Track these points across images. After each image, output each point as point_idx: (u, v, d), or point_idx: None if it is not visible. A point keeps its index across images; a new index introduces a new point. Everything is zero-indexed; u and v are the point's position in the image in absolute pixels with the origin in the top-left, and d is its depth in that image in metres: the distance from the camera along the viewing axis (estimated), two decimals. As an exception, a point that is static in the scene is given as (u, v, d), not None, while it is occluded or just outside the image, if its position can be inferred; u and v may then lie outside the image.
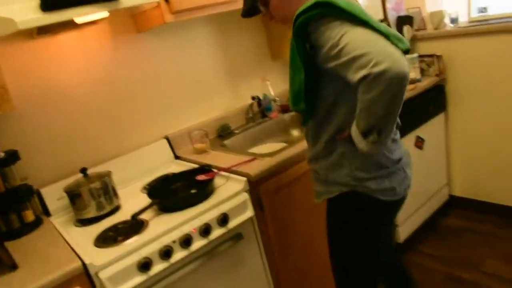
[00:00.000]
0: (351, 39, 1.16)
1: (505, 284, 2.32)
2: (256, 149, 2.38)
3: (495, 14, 2.75)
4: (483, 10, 2.86)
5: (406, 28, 2.84)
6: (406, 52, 1.26)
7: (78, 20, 1.80)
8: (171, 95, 2.36)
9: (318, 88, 1.39)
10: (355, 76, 1.15)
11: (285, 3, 1.41)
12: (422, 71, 2.88)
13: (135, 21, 2.18)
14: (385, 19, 2.94)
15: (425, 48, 2.92)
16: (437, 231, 2.91)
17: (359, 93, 1.18)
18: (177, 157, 2.32)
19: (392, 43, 1.17)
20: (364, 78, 1.12)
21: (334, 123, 1.41)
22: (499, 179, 2.85)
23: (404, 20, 2.91)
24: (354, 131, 1.29)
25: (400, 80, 1.10)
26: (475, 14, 2.87)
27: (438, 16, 2.87)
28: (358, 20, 1.19)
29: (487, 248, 2.63)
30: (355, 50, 1.14)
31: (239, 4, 2.16)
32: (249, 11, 1.52)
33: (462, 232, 2.85)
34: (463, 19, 2.89)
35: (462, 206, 3.09)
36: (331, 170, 1.47)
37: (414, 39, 2.95)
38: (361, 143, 1.28)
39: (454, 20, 2.86)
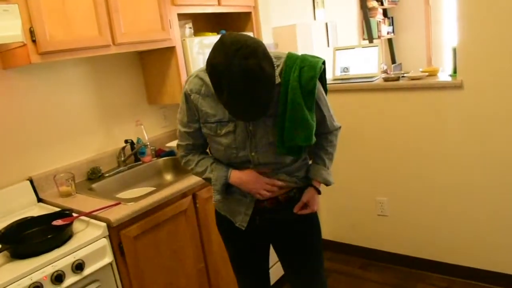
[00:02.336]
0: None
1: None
2: (126, 193, 2.38)
3: (355, 74, 3.11)
4: (345, 70, 3.21)
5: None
6: None
7: None
8: (37, 135, 2.29)
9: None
10: (337, 124, 1.73)
11: None
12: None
13: (1, 57, 2.12)
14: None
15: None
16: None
17: (331, 139, 1.72)
18: (40, 200, 2.24)
19: None
20: (339, 128, 1.74)
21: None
22: (362, 224, 3.14)
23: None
24: (324, 170, 1.73)
25: None
26: (338, 73, 3.20)
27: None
28: None
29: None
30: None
31: (112, 49, 2.20)
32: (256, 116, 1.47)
33: (329, 274, 3.05)
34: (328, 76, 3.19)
35: (330, 248, 3.31)
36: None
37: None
38: (331, 177, 1.74)
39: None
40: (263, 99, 1.38)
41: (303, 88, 1.52)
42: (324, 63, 1.60)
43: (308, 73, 1.53)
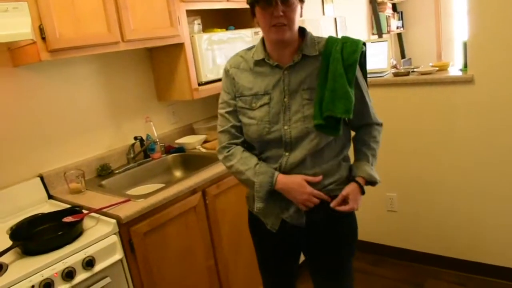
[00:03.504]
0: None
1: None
2: (135, 190, 2.39)
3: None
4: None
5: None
6: None
7: None
8: (48, 132, 2.30)
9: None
10: (379, 119, 1.73)
11: (296, 24, 1.56)
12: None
13: (11, 55, 2.13)
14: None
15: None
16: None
17: (374, 135, 1.70)
18: (51, 197, 2.25)
19: None
20: (381, 124, 1.74)
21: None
22: (372, 220, 3.12)
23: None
24: (368, 166, 1.65)
25: None
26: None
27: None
28: None
29: (361, 284, 2.83)
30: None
31: (121, 46, 2.21)
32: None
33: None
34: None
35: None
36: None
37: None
38: (376, 174, 1.66)
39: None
40: None
41: (344, 60, 1.53)
42: (365, 44, 1.60)
43: (350, 47, 1.54)
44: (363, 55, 1.62)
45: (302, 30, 1.62)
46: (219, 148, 1.71)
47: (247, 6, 1.58)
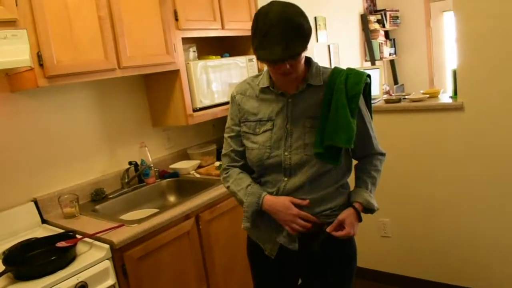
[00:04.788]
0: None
1: None
2: (129, 215, 2.40)
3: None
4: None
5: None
6: None
7: None
8: (43, 157, 2.32)
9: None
10: (381, 149, 1.74)
11: (302, 64, 1.57)
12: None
13: (9, 80, 2.17)
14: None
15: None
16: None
17: (375, 164, 1.71)
18: (44, 221, 2.25)
19: None
20: (384, 154, 1.75)
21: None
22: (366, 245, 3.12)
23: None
24: (367, 193, 1.66)
25: None
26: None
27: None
28: None
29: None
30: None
31: (117, 73, 2.25)
32: (296, 55, 1.46)
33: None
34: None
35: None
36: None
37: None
38: (374, 202, 1.66)
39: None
40: (294, 37, 1.41)
41: (348, 91, 1.55)
42: (369, 76, 1.63)
43: (354, 78, 1.57)
44: (368, 87, 1.66)
45: (308, 60, 1.64)
46: (220, 170, 1.81)
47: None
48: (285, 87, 1.62)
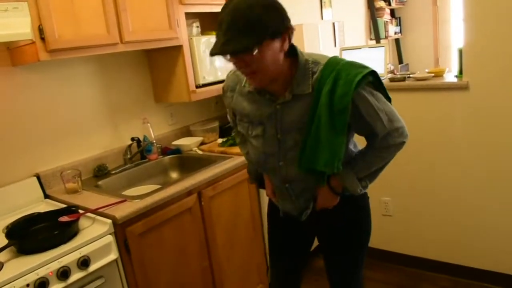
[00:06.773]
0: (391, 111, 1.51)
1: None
2: (132, 191, 2.40)
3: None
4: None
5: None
6: None
7: None
8: (45, 132, 2.31)
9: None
10: (397, 140, 1.50)
11: (277, 63, 1.37)
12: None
13: (10, 54, 2.15)
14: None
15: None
16: (311, 270, 3.07)
17: (383, 152, 1.52)
18: (47, 196, 2.26)
19: None
20: (402, 143, 1.51)
21: None
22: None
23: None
24: (350, 175, 1.52)
25: None
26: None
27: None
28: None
29: None
30: (398, 121, 1.51)
31: (119, 48, 2.22)
32: (235, 52, 1.29)
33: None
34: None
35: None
36: None
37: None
38: (355, 186, 1.54)
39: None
40: (239, 32, 1.24)
41: (334, 106, 1.36)
42: (372, 73, 1.46)
43: (342, 88, 1.36)
44: (378, 80, 1.51)
45: (293, 52, 1.44)
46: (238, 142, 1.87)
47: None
48: (272, 89, 1.47)
